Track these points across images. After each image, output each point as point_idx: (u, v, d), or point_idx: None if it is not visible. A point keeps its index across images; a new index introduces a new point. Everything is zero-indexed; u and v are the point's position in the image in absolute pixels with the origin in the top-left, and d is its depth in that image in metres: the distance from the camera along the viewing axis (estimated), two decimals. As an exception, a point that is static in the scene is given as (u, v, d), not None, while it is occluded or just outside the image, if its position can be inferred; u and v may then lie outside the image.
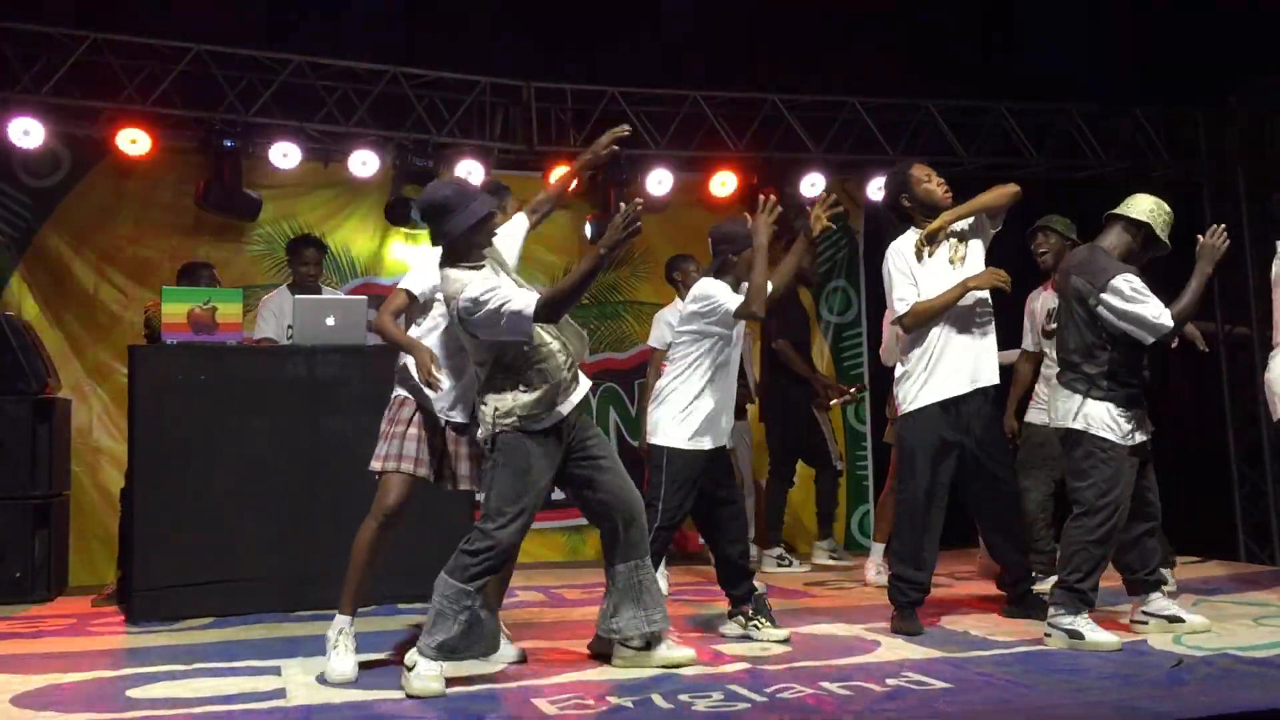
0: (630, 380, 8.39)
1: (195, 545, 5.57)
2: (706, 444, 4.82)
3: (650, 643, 4.32)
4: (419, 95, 7.53)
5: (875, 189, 8.38)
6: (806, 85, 8.02)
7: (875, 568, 6.50)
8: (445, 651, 3.99)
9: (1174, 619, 4.80)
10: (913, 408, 5.01)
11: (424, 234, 7.35)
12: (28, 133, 6.82)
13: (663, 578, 5.41)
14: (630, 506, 4.25)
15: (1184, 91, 7.86)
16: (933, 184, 5.12)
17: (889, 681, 3.99)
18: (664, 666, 4.27)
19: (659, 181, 8.03)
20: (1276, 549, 7.23)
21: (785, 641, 4.71)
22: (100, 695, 4.08)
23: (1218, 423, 7.69)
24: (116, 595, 6.08)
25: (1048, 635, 4.62)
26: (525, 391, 4.07)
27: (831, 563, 7.36)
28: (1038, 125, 8.16)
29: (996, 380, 5.09)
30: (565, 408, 4.12)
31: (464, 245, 4.11)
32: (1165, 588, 5.04)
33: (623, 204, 4.07)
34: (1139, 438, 4.69)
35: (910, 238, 5.13)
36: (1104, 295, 4.63)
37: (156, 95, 6.87)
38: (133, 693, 4.10)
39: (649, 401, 6.05)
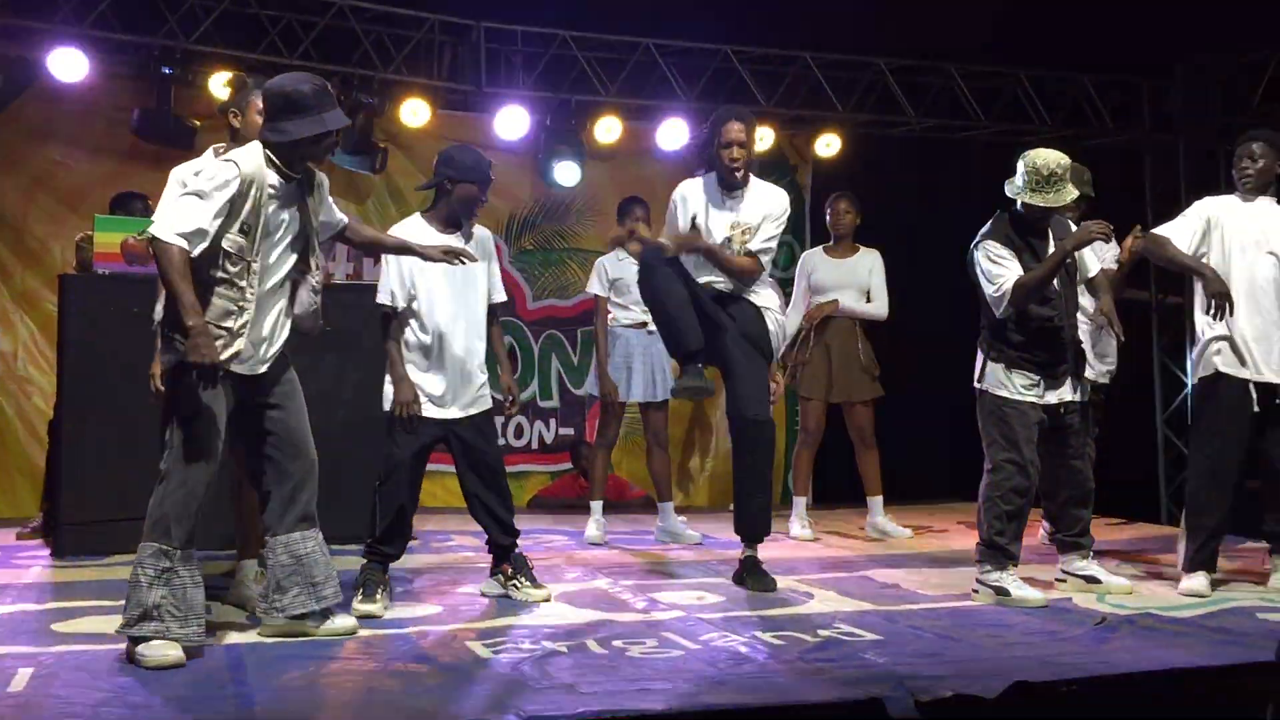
0: (573, 328, 8.35)
1: (125, 480, 5.43)
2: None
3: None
4: (366, 30, 7.38)
5: (823, 146, 8.40)
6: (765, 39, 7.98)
7: (800, 522, 6.47)
8: None
9: (1091, 579, 4.86)
10: None
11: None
12: (-44, 51, 6.63)
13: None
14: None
15: (1130, 60, 7.93)
16: (728, 152, 4.86)
17: (820, 632, 4.04)
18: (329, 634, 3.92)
19: (607, 129, 7.97)
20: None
21: (548, 600, 4.57)
22: (24, 628, 4.02)
23: (1147, 388, 7.84)
24: (43, 529, 5.97)
25: (975, 591, 4.69)
26: None
27: None
28: (985, 88, 8.20)
29: None
30: None
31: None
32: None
33: None
34: (1047, 399, 4.66)
35: (698, 182, 5.02)
36: (971, 261, 4.72)
37: (93, 17, 6.66)
38: (58, 626, 4.05)
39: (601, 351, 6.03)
